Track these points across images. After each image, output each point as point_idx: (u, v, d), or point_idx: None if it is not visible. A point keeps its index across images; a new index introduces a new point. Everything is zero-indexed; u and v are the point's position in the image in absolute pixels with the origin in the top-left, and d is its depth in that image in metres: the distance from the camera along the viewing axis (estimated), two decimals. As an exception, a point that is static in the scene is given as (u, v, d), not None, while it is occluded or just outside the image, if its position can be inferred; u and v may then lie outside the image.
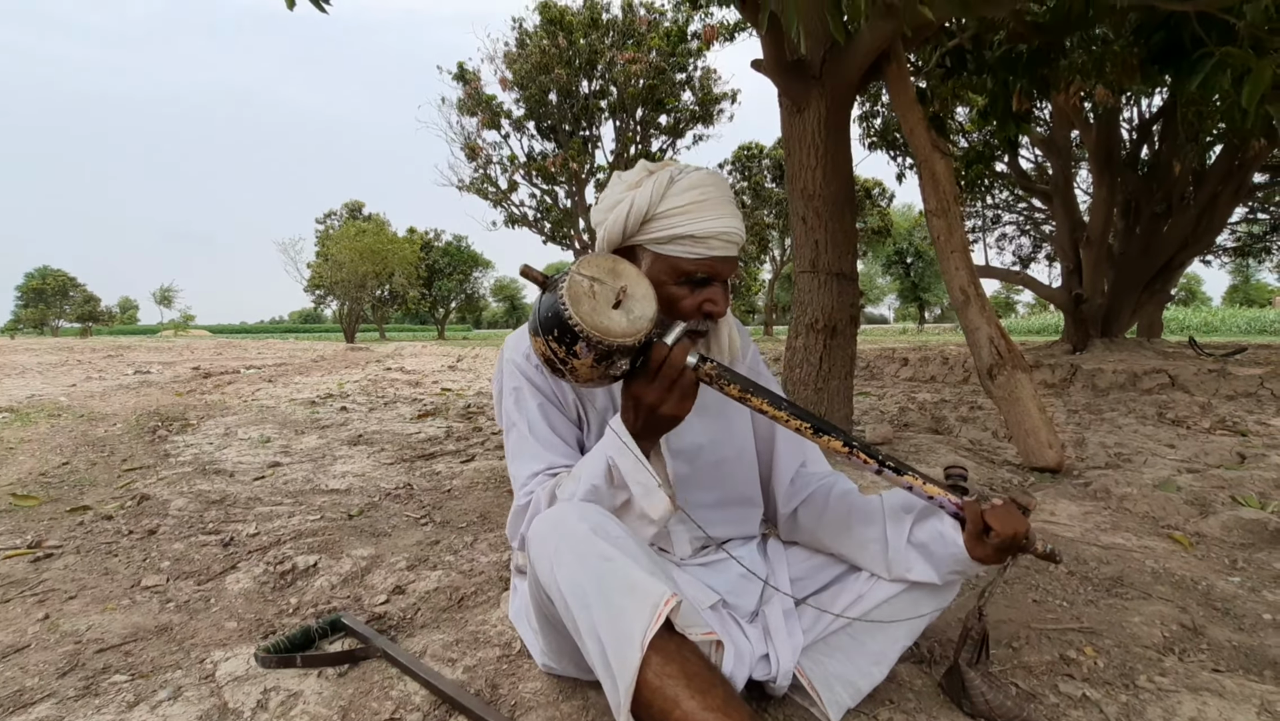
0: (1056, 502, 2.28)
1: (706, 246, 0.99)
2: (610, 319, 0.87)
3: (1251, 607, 1.54)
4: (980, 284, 3.10)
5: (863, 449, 0.96)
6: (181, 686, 1.21)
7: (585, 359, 0.87)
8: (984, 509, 0.97)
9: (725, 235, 1.00)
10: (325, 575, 1.73)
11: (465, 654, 1.29)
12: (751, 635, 1.05)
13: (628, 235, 1.02)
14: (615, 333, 0.86)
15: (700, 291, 1.02)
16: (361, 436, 3.80)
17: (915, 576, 1.04)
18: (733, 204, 1.02)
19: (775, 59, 3.19)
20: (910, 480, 0.99)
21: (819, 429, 0.95)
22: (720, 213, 1.00)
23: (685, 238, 0.99)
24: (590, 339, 0.85)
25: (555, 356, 0.88)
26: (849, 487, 1.17)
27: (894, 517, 1.07)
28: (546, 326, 0.87)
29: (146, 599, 1.64)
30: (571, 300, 0.86)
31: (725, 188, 1.03)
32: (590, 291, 0.88)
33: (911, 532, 1.05)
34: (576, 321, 0.85)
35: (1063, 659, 1.27)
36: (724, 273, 1.02)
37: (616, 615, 0.77)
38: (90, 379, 8.40)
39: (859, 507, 1.11)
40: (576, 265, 0.90)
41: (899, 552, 1.04)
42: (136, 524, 2.19)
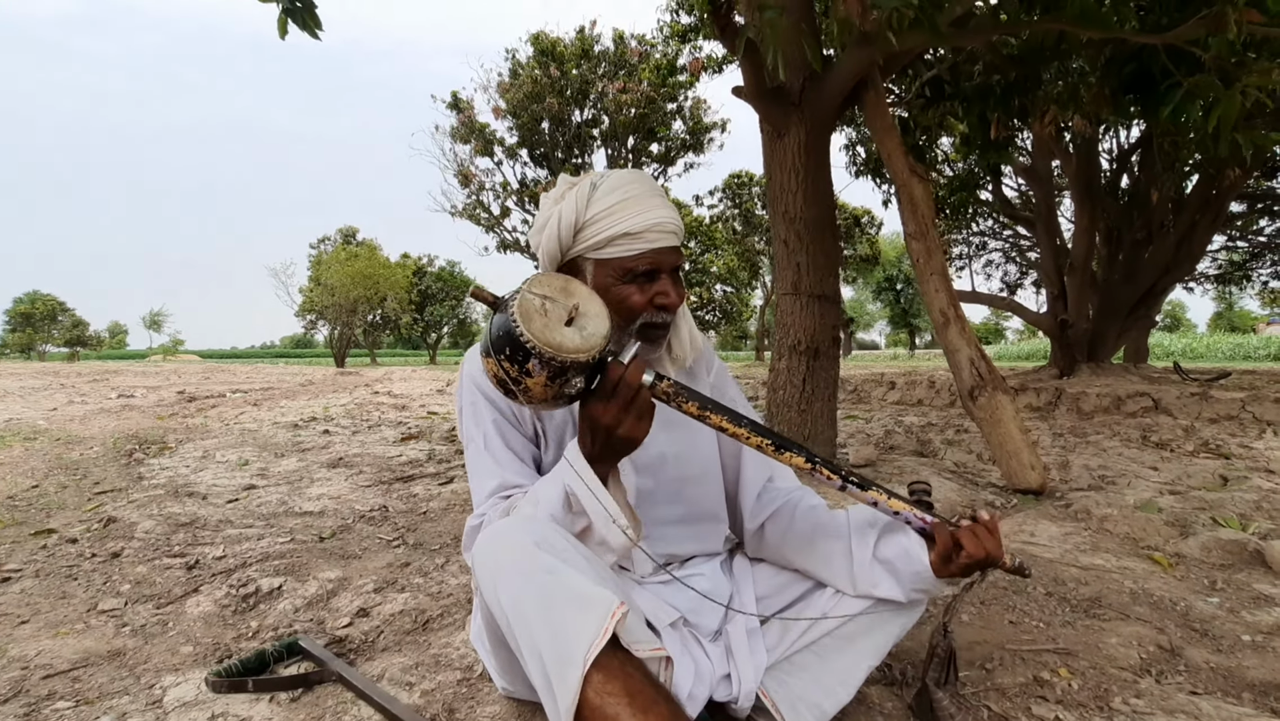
0: (1037, 524, 2.26)
1: (644, 240, 0.99)
2: (563, 335, 0.85)
3: (1230, 629, 1.52)
4: (960, 306, 3.12)
5: (825, 465, 0.94)
6: (126, 713, 1.16)
7: (538, 377, 0.85)
8: (955, 530, 0.95)
9: (659, 226, 1.00)
10: (289, 598, 1.68)
11: (424, 677, 1.25)
12: (713, 654, 1.02)
13: (564, 249, 1.03)
14: (568, 349, 0.84)
15: (649, 286, 1.01)
16: (342, 459, 3.75)
17: (880, 593, 1.02)
18: (660, 196, 1.02)
19: (755, 86, 3.25)
20: (875, 495, 0.97)
21: (780, 445, 0.93)
22: (648, 205, 1.00)
23: (621, 236, 0.99)
24: (543, 356, 0.83)
25: (508, 376, 0.86)
26: (816, 503, 1.15)
27: (859, 533, 1.05)
28: (498, 346, 0.85)
29: (102, 623, 1.59)
30: (523, 317, 0.84)
31: (649, 182, 1.04)
32: (542, 309, 0.86)
33: (876, 548, 1.03)
34: (529, 338, 0.83)
35: (1036, 680, 1.24)
36: (667, 263, 1.02)
37: (558, 631, 0.75)
38: (72, 402, 8.29)
39: (824, 523, 1.09)
40: (528, 284, 0.89)
41: (864, 568, 1.02)
42: (100, 547, 2.14)
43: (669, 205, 1.03)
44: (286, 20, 2.22)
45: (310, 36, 2.40)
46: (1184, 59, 3.54)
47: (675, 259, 1.03)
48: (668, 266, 1.02)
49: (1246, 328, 49.96)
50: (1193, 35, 3.23)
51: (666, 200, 1.04)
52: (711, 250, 28.88)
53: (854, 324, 50.16)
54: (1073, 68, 5.06)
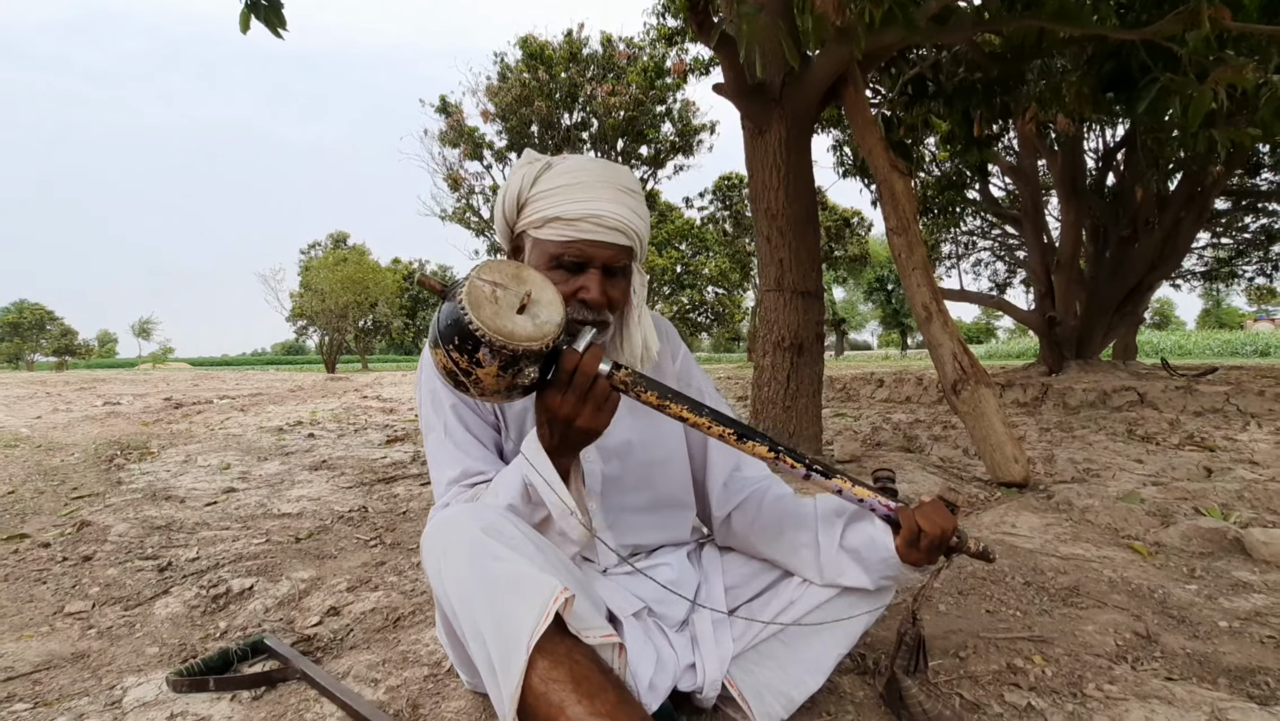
0: (1019, 515, 2.26)
1: (575, 229, 0.94)
2: (515, 323, 0.82)
3: (1208, 615, 1.51)
4: (942, 300, 3.12)
5: (789, 453, 0.93)
6: (84, 714, 1.14)
7: (489, 367, 0.81)
8: (913, 509, 0.95)
9: (596, 218, 0.94)
10: (260, 598, 1.66)
11: (391, 674, 1.23)
12: (678, 644, 1.00)
13: (510, 222, 1.00)
14: (520, 336, 0.81)
15: (574, 278, 0.96)
16: (325, 462, 3.71)
17: (847, 581, 1.01)
18: (615, 190, 0.96)
19: (735, 83, 3.25)
20: (839, 483, 0.96)
21: (743, 435, 0.91)
22: (593, 195, 0.94)
23: (555, 220, 0.95)
24: (493, 344, 0.79)
25: (457, 367, 0.82)
26: (783, 492, 1.14)
27: (826, 521, 1.04)
28: (446, 336, 0.81)
29: (68, 625, 1.56)
30: (472, 305, 0.80)
31: (609, 173, 0.97)
32: (492, 296, 0.83)
33: (843, 537, 1.02)
34: (478, 326, 0.79)
35: (1010, 668, 1.23)
36: (598, 258, 0.95)
37: (502, 617, 0.73)
38: (57, 410, 8.20)
39: (791, 512, 1.08)
40: (476, 270, 0.85)
41: (830, 557, 1.01)
42: (73, 550, 2.10)
43: (624, 202, 0.96)
44: (249, 15, 2.20)
45: (272, 34, 2.37)
46: (1162, 56, 3.57)
47: (612, 256, 0.96)
48: (599, 261, 0.96)
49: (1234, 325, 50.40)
50: (1169, 31, 3.26)
51: (624, 197, 0.97)
52: (703, 253, 28.92)
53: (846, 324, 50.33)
54: (1055, 66, 5.09)
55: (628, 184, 0.99)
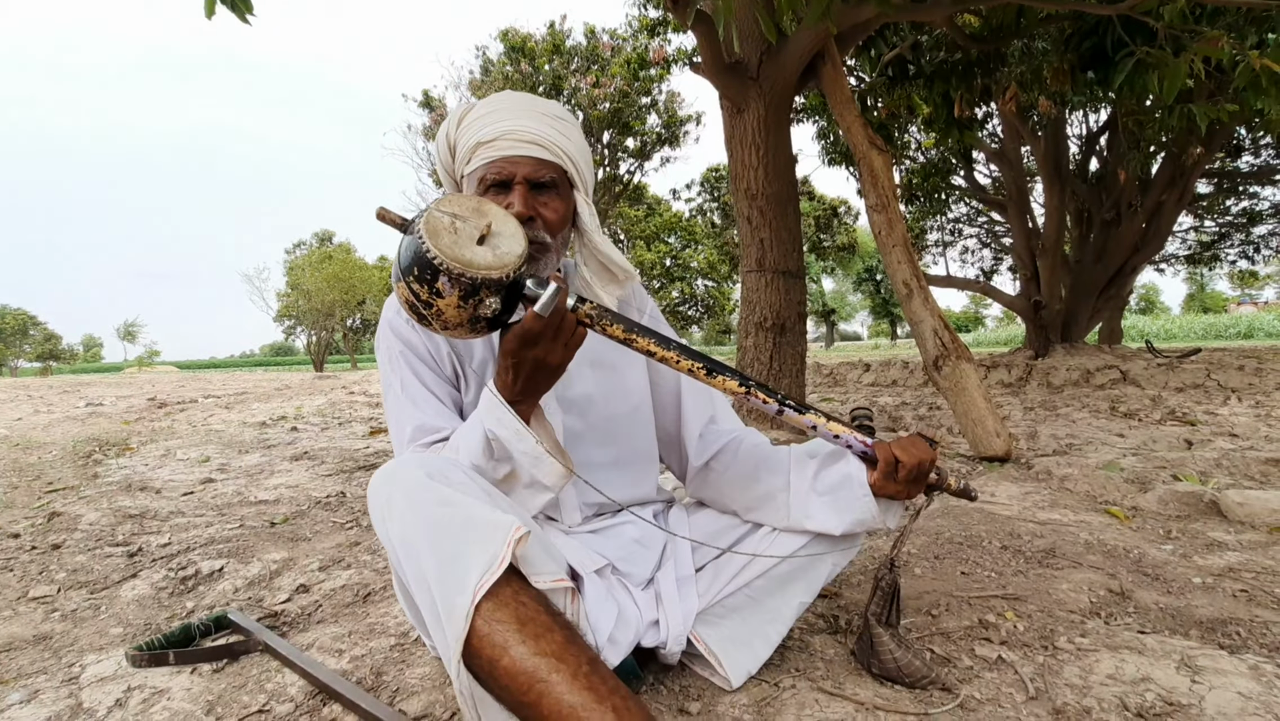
0: (998, 484, 2.26)
1: (494, 149, 0.94)
2: (474, 252, 0.81)
3: (1181, 572, 1.51)
4: (923, 277, 3.12)
5: (760, 388, 0.92)
6: (40, 690, 1.11)
7: (450, 297, 0.80)
8: (890, 441, 0.94)
9: (513, 134, 0.94)
10: (230, 579, 1.63)
11: (356, 644, 1.21)
12: (641, 600, 0.99)
13: (450, 171, 1.01)
14: (479, 265, 0.80)
15: (501, 198, 0.95)
16: (307, 453, 3.68)
17: (814, 525, 1.00)
18: (534, 112, 0.96)
19: (713, 61, 3.22)
20: (813, 419, 0.95)
21: (712, 369, 0.91)
22: (509, 115, 0.95)
23: (477, 147, 0.95)
24: (452, 272, 0.79)
25: (418, 299, 0.81)
26: (760, 440, 1.12)
27: (799, 463, 1.03)
28: (407, 267, 0.81)
29: (31, 609, 1.53)
30: (430, 234, 0.80)
31: (529, 100, 0.98)
32: (451, 227, 0.82)
33: (818, 477, 1.01)
34: (436, 255, 0.79)
35: (981, 623, 1.22)
36: (519, 172, 0.94)
37: (448, 561, 0.71)
38: (38, 412, 8.10)
39: (767, 458, 1.07)
40: (437, 202, 0.85)
41: (800, 497, 1.00)
42: (42, 540, 2.06)
43: (544, 122, 0.96)
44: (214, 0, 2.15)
45: (239, 19, 2.33)
46: (1139, 31, 3.57)
47: (532, 169, 0.95)
48: (520, 175, 0.94)
49: (1219, 309, 50.95)
50: (1146, 5, 3.26)
51: (545, 118, 0.97)
52: (692, 245, 28.90)
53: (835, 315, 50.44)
54: (1035, 48, 5.10)
55: (553, 111, 0.99)
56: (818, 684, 1.02)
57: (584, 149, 1.02)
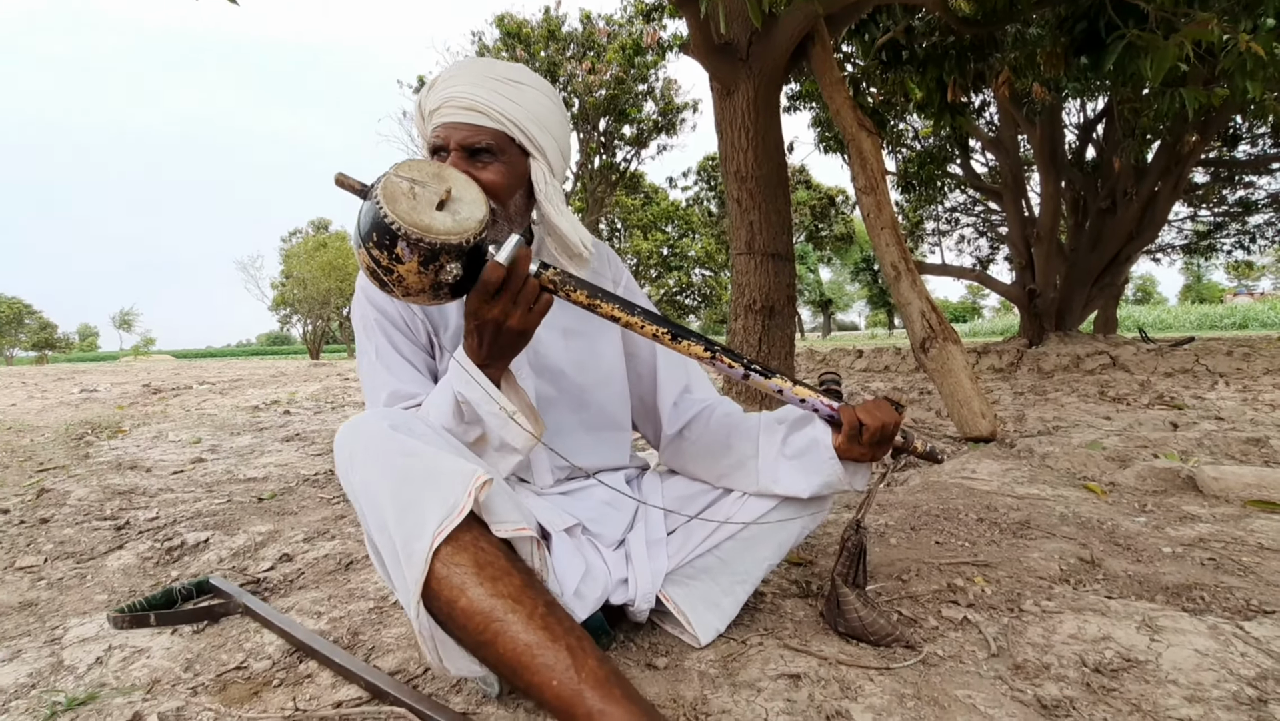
0: (980, 461, 2.28)
1: (439, 115, 0.94)
2: (432, 217, 0.81)
3: (1152, 543, 1.54)
4: (910, 259, 3.13)
5: (725, 353, 0.93)
6: (21, 650, 1.13)
7: (410, 263, 0.80)
8: (855, 406, 0.95)
9: (452, 100, 0.93)
10: (215, 550, 1.65)
11: (334, 608, 1.23)
12: (611, 560, 1.00)
13: (425, 138, 1.01)
14: (438, 230, 0.80)
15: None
16: (299, 434, 3.69)
17: (781, 490, 1.01)
18: (479, 75, 0.94)
19: (703, 42, 3.21)
20: (779, 383, 0.96)
21: (676, 334, 0.91)
22: (454, 83, 0.94)
23: (428, 114, 0.96)
24: (409, 237, 0.78)
25: (378, 266, 0.81)
26: (732, 409, 1.14)
27: (768, 430, 1.05)
28: (366, 234, 0.81)
29: (17, 578, 1.54)
30: (388, 200, 0.79)
31: (479, 65, 0.96)
32: (410, 192, 0.82)
33: (786, 442, 1.02)
34: (394, 220, 0.78)
35: (950, 587, 1.25)
36: (453, 138, 0.93)
37: (407, 506, 0.72)
38: (32, 398, 8.09)
39: (739, 426, 1.08)
40: (395, 167, 0.84)
41: (769, 462, 1.02)
42: (31, 514, 2.08)
43: (486, 86, 0.94)
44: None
45: (228, 0, 2.31)
46: (1131, 13, 3.56)
47: (466, 135, 0.93)
48: (454, 142, 0.93)
49: (1215, 299, 51.03)
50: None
51: (490, 82, 0.94)
52: (689, 235, 28.83)
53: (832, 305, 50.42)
54: (1028, 32, 5.08)
55: (505, 74, 0.97)
56: (784, 641, 1.04)
57: (545, 116, 0.99)
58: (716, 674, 0.95)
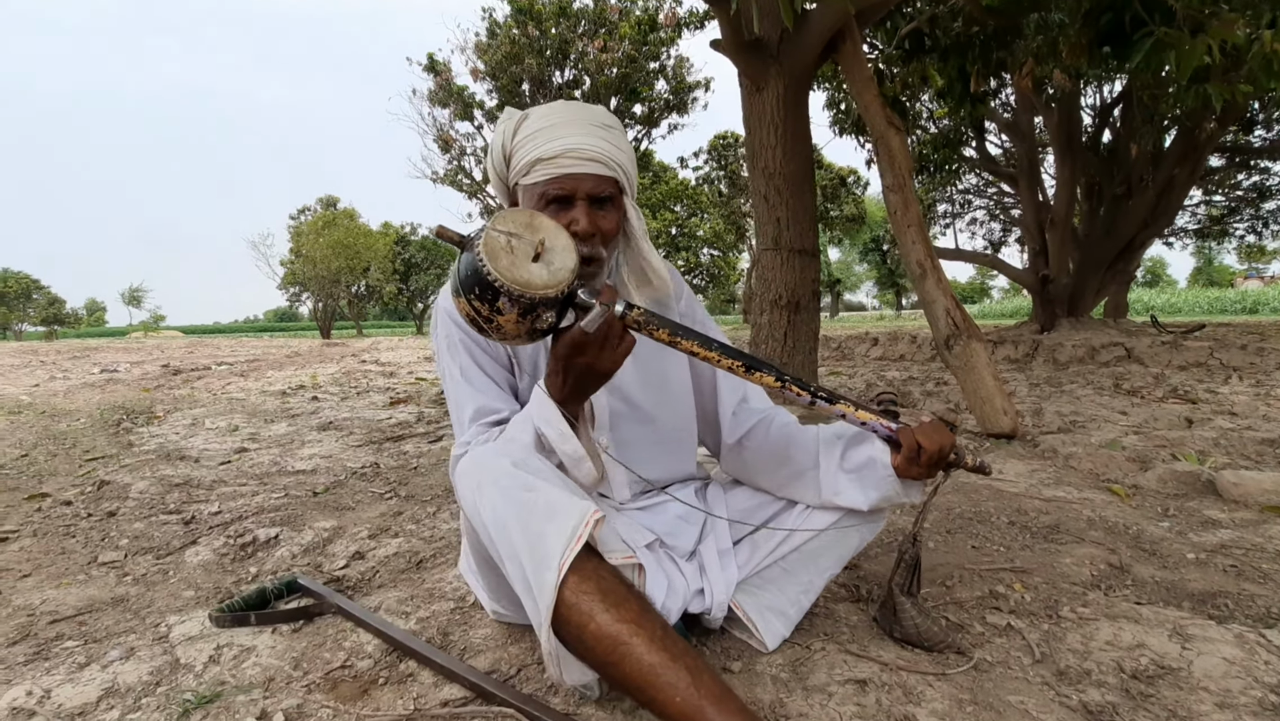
0: (1005, 462, 2.36)
1: (556, 165, 0.99)
2: (530, 272, 0.86)
3: (1177, 548, 1.62)
4: (936, 257, 3.18)
5: (794, 381, 1.00)
6: (134, 648, 1.22)
7: (509, 315, 0.86)
8: (914, 427, 1.02)
9: (574, 151, 0.99)
10: (286, 546, 1.74)
11: (419, 607, 1.32)
12: (687, 571, 1.09)
13: (503, 179, 1.06)
14: (537, 285, 0.86)
15: (564, 213, 1.01)
16: (332, 423, 3.79)
17: (843, 501, 1.09)
18: (589, 125, 1.01)
19: (733, 39, 3.23)
20: (843, 408, 1.02)
21: (751, 366, 0.98)
22: (568, 132, 1.00)
23: (538, 162, 1.00)
24: (512, 293, 0.84)
25: (479, 315, 0.87)
26: (789, 419, 1.21)
27: (827, 444, 1.12)
28: (467, 286, 0.86)
29: (103, 574, 1.64)
30: (489, 256, 0.85)
31: (582, 111, 1.03)
32: (508, 246, 0.87)
33: (844, 457, 1.10)
34: (496, 277, 0.84)
35: (992, 594, 1.33)
36: (581, 189, 1.00)
37: (535, 539, 0.80)
38: (54, 378, 8.22)
39: (796, 437, 1.16)
40: (492, 221, 0.89)
41: (830, 476, 1.09)
42: (96, 507, 2.18)
43: (599, 135, 1.01)
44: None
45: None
46: (1158, 8, 3.55)
47: (594, 185, 1.01)
48: (582, 192, 1.00)
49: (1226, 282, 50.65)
50: (1167, -18, 3.24)
51: (599, 131, 1.02)
52: (698, 214, 28.66)
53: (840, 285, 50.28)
54: (1052, 20, 5.04)
55: (603, 120, 1.04)
56: (844, 646, 1.13)
57: (630, 152, 1.08)
58: (788, 678, 1.04)
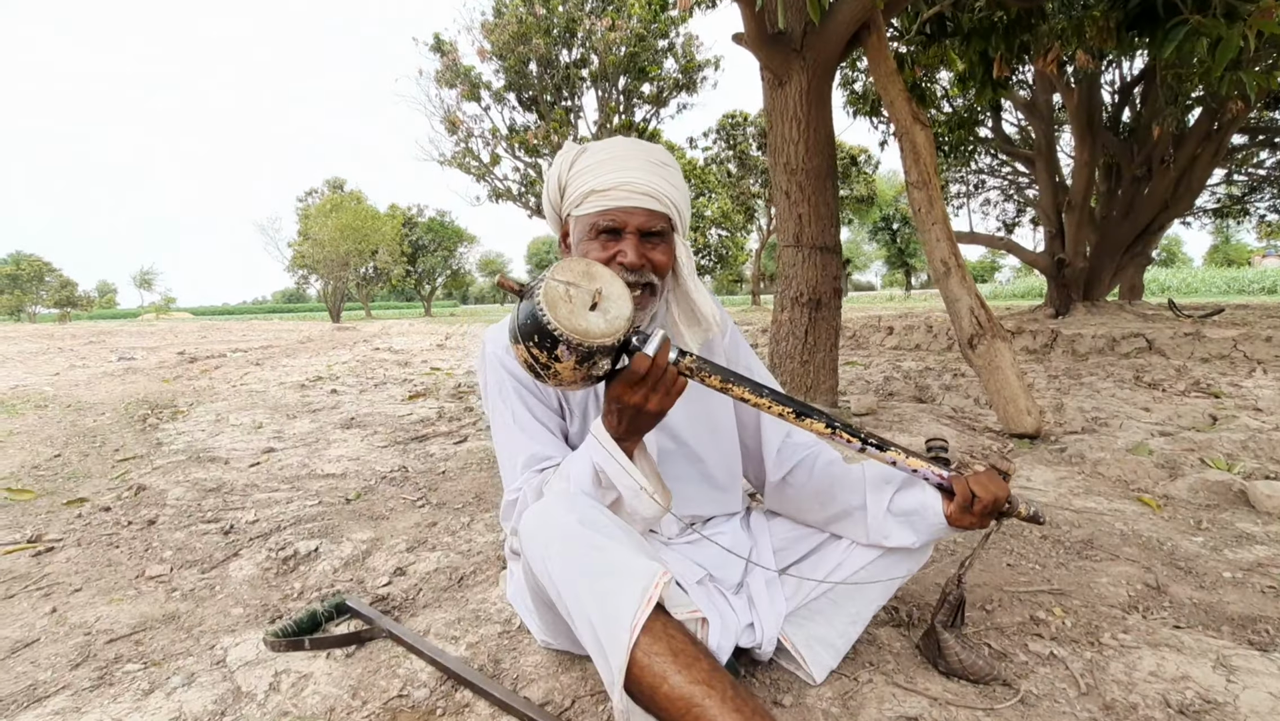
0: (1033, 469, 2.36)
1: (609, 198, 1.03)
2: (588, 321, 0.89)
3: (1213, 566, 1.62)
4: (960, 255, 3.15)
5: (845, 429, 1.00)
6: (194, 673, 1.26)
7: (567, 362, 0.89)
8: (967, 476, 1.02)
9: (628, 185, 1.02)
10: (327, 559, 1.78)
11: (467, 631, 1.34)
12: (736, 606, 1.11)
13: (557, 208, 1.09)
14: (594, 334, 0.88)
15: (612, 244, 1.04)
16: (354, 419, 3.83)
17: (893, 543, 1.10)
18: (646, 161, 1.04)
19: (756, 32, 3.17)
20: (894, 455, 1.03)
21: (801, 413, 0.99)
22: (624, 166, 1.03)
23: (591, 194, 1.04)
24: (570, 342, 0.87)
25: (537, 362, 0.90)
26: (834, 457, 1.22)
27: (875, 487, 1.12)
28: (526, 333, 0.89)
29: (152, 588, 1.68)
30: (549, 305, 0.87)
31: (639, 148, 1.06)
32: (566, 295, 0.89)
33: (893, 501, 1.10)
34: (555, 326, 0.87)
35: (1033, 619, 1.34)
36: (631, 222, 1.03)
37: (605, 600, 0.82)
38: (74, 366, 8.31)
39: (841, 477, 1.16)
40: (551, 271, 0.92)
41: (878, 520, 1.10)
42: (135, 514, 2.22)
43: (654, 171, 1.04)
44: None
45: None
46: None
47: (645, 219, 1.04)
48: (633, 226, 1.04)
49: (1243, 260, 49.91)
50: (1202, -30, 3.16)
51: (655, 168, 1.05)
52: (705, 194, 28.41)
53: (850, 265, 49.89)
54: (1078, 1, 4.92)
55: (660, 158, 1.06)
56: (891, 678, 1.15)
57: (685, 191, 1.10)
58: (839, 713, 1.06)
